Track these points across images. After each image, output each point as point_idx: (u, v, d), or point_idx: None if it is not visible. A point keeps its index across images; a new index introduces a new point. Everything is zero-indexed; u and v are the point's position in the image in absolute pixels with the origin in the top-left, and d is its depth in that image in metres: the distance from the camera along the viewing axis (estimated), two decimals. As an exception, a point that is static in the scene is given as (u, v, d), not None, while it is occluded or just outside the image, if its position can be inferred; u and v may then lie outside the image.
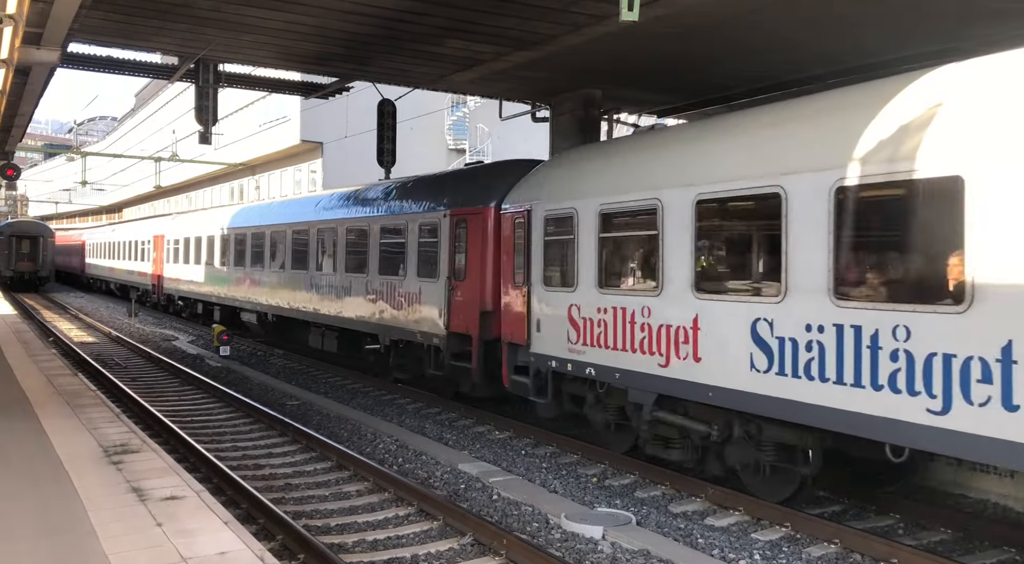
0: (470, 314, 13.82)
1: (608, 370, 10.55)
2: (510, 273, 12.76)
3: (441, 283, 14.60)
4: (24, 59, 10.92)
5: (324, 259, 19.51)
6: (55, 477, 8.13)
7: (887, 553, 7.79)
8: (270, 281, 22.64)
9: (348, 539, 8.24)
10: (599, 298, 10.69)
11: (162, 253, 34.06)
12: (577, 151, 13.13)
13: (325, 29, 13.88)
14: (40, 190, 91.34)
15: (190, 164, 44.86)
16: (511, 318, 12.70)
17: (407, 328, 15.62)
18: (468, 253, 14.08)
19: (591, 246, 10.90)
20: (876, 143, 7.38)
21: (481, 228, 13.79)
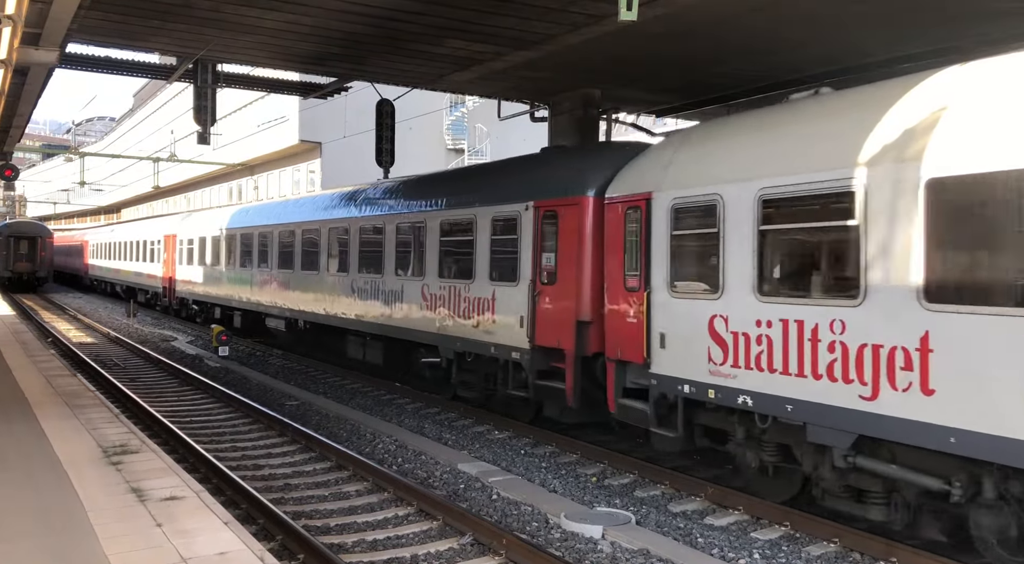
0: (563, 325, 11.72)
1: (774, 400, 8.32)
2: (618, 276, 10.72)
3: (523, 288, 12.58)
4: (23, 59, 10.91)
5: (368, 260, 17.51)
6: (54, 478, 8.12)
7: (886, 552, 7.80)
8: (302, 284, 20.55)
9: (348, 539, 8.24)
10: (758, 308, 8.51)
11: (174, 254, 32.18)
12: (720, 123, 10.78)
13: (323, 29, 13.87)
14: (38, 191, 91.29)
15: (189, 164, 44.85)
16: (620, 330, 10.58)
17: (477, 340, 13.59)
18: (559, 252, 11.99)
19: (746, 242, 8.70)
20: None
21: (577, 222, 11.71)
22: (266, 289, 22.82)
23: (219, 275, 26.84)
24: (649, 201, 10.16)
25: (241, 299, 24.82)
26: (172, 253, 32.43)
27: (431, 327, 14.91)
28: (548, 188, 12.50)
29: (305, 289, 20.37)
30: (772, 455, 9.00)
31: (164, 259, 33.71)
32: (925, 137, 7.16)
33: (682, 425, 9.71)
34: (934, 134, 7.10)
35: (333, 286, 18.90)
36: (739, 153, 9.25)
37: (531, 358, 12.31)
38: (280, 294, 21.90)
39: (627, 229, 10.61)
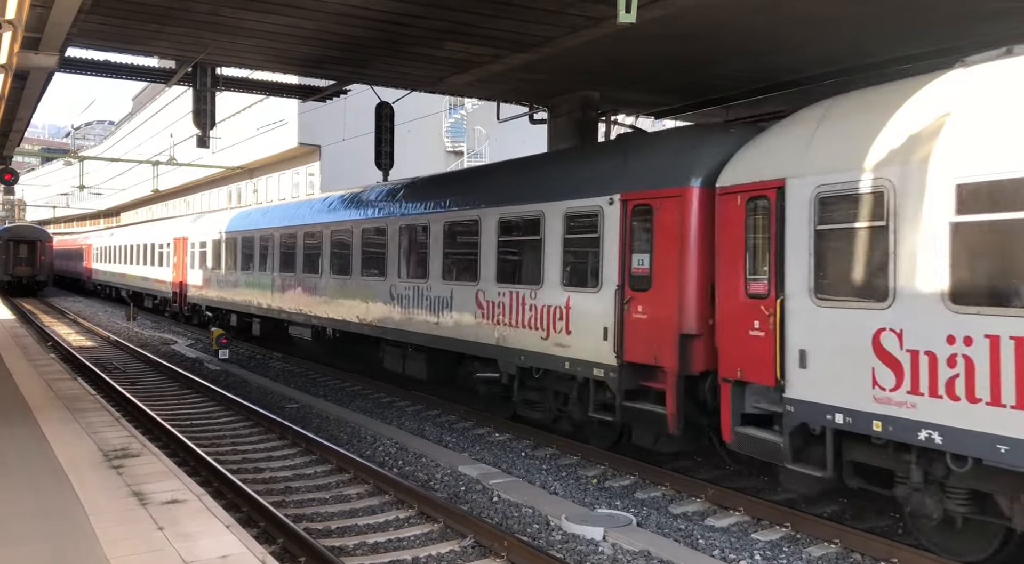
0: (661, 338, 10.00)
1: (977, 438, 6.64)
2: (736, 280, 8.95)
3: (607, 294, 10.80)
4: (22, 64, 10.92)
5: (411, 263, 15.72)
6: (56, 481, 8.13)
7: (887, 553, 7.81)
8: (332, 290, 18.75)
9: (349, 542, 8.24)
10: (950, 320, 6.80)
11: (185, 257, 30.49)
12: (885, 89, 8.25)
13: (323, 32, 13.89)
14: (37, 195, 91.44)
15: (188, 168, 44.89)
16: (739, 345, 8.90)
17: (546, 353, 11.94)
18: (656, 252, 10.22)
19: (931, 238, 6.99)
20: None
21: (679, 216, 9.94)
22: (289, 295, 21.11)
23: (236, 280, 25.09)
24: (781, 189, 8.41)
25: (261, 305, 23.04)
26: (183, 256, 30.82)
27: (488, 338, 13.27)
28: (639, 178, 10.71)
29: (335, 295, 18.66)
30: (964, 504, 7.30)
31: (174, 263, 32.12)
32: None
33: (832, 462, 7.97)
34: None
35: (368, 292, 17.21)
36: (915, 126, 7.27)
37: (619, 376, 10.57)
38: (306, 300, 20.13)
39: (749, 224, 8.86)
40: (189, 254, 29.95)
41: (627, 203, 10.71)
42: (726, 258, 9.19)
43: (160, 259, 34.34)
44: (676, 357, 9.80)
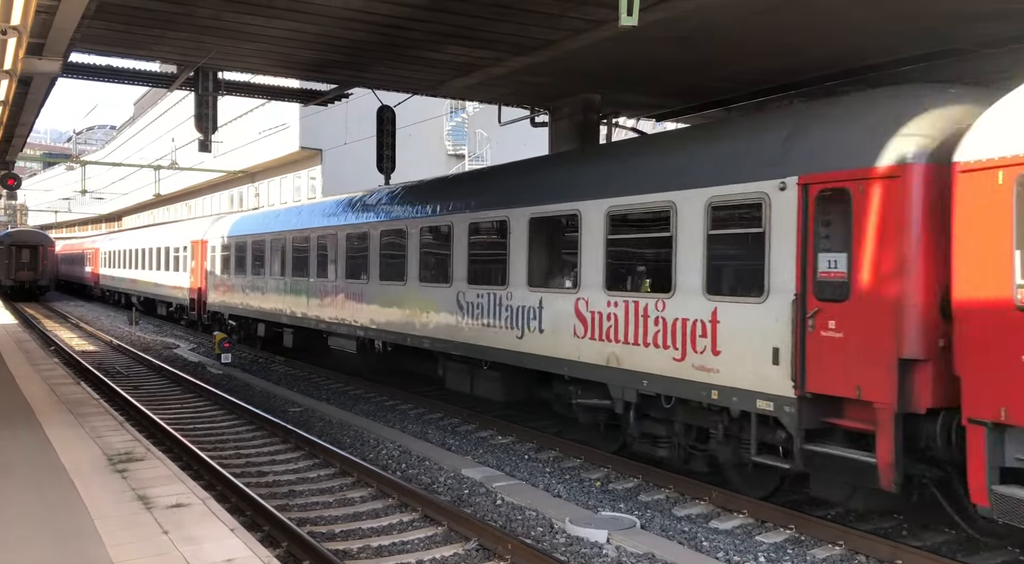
0: (869, 363, 7.83)
1: None
2: (996, 286, 6.81)
3: (776, 305, 8.60)
4: (26, 69, 10.96)
5: (482, 268, 13.57)
6: (60, 485, 8.14)
7: (891, 554, 7.81)
8: (383, 297, 16.47)
9: (353, 545, 8.25)
10: None
11: (204, 262, 28.32)
12: None
13: (326, 37, 13.92)
14: (39, 199, 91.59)
15: (189, 172, 44.95)
16: (1002, 374, 6.74)
17: (682, 379, 9.67)
18: (857, 251, 7.99)
19: None
20: None
21: (895, 202, 7.77)
22: (330, 302, 18.76)
23: (264, 286, 22.57)
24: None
25: (295, 314, 20.48)
26: (202, 261, 28.54)
27: (594, 357, 10.92)
28: (825, 154, 8.45)
29: (387, 303, 16.33)
30: None
31: (191, 268, 29.92)
32: None
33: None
34: None
35: (428, 300, 14.88)
36: None
37: (798, 412, 8.36)
38: (351, 309, 17.78)
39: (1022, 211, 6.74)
40: (209, 258, 27.64)
41: (808, 188, 8.41)
42: (976, 257, 6.98)
43: (176, 264, 32.08)
44: (894, 389, 7.61)
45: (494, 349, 12.99)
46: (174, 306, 33.10)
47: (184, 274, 30.89)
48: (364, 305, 17.27)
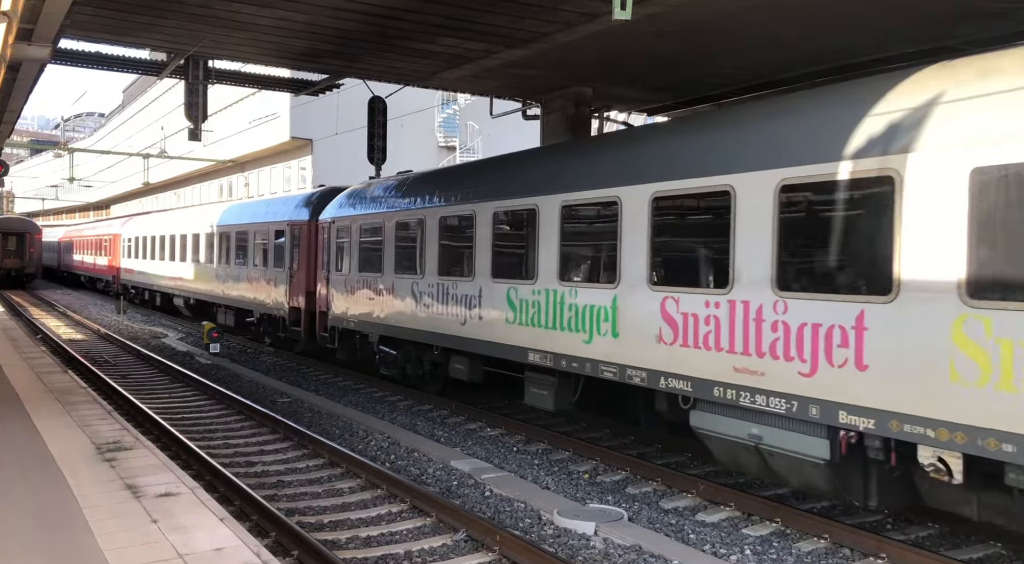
0: None
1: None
2: None
3: None
4: (15, 55, 10.88)
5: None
6: (48, 475, 8.13)
7: (875, 548, 7.88)
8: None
9: (341, 535, 8.27)
10: None
11: (317, 251, 19.36)
12: None
13: (316, 26, 13.88)
14: (26, 186, 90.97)
15: (179, 161, 44.73)
16: None
17: None
18: None
19: None
20: None
21: None
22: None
23: (458, 293, 13.62)
24: None
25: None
26: (312, 250, 19.68)
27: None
28: None
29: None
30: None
31: (299, 260, 20.28)
32: None
33: None
34: None
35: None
36: None
37: None
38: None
39: None
40: (330, 246, 18.39)
41: None
42: None
43: (264, 256, 22.60)
44: None
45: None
46: (259, 317, 23.24)
47: (280, 270, 21.48)
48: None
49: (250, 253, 23.63)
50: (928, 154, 6.99)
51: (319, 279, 19.18)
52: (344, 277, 17.81)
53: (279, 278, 21.56)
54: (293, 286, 20.71)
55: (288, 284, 20.98)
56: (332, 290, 18.35)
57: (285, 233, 21.25)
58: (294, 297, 20.63)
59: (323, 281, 18.86)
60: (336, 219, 18.29)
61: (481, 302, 13.11)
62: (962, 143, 6.76)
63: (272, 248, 22.11)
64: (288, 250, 21.03)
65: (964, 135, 6.77)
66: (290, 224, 21.02)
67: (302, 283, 20.17)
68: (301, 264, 20.31)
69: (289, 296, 20.87)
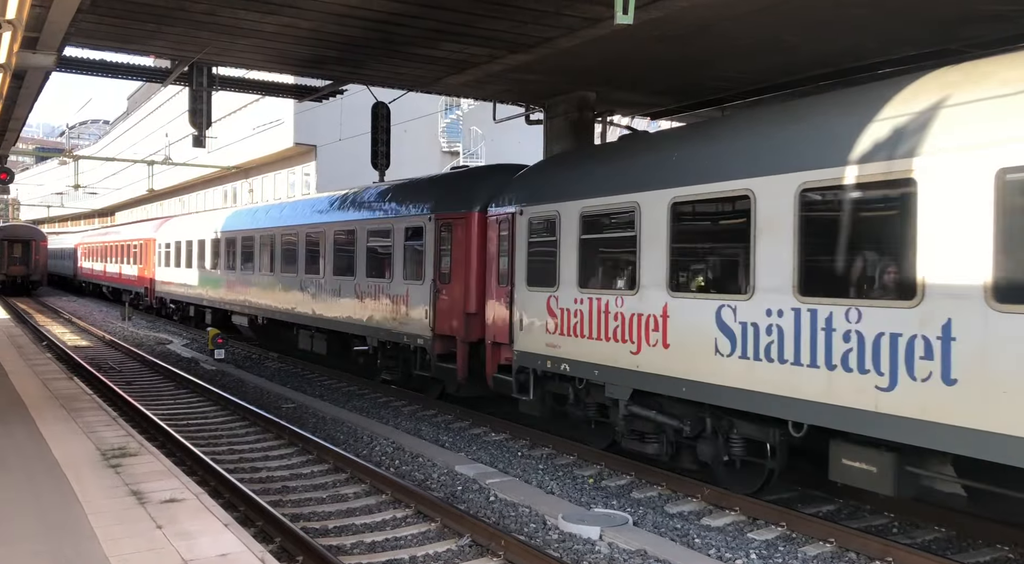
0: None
1: None
2: None
3: None
4: (20, 63, 10.93)
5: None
6: (54, 481, 8.14)
7: (882, 552, 7.86)
8: None
9: (346, 541, 8.27)
10: None
11: (503, 260, 13.32)
12: None
13: (320, 33, 13.91)
14: (32, 194, 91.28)
15: (183, 167, 44.86)
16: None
17: None
18: None
19: None
20: None
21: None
22: None
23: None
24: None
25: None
26: (482, 255, 14.06)
27: None
28: None
29: None
30: None
31: (450, 272, 14.63)
32: None
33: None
34: None
35: None
36: None
37: None
38: None
39: None
40: (524, 248, 12.69)
41: None
42: None
43: (378, 262, 17.01)
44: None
45: None
46: (372, 345, 17.12)
47: (416, 284, 15.42)
48: None
49: (359, 259, 17.60)
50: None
51: (493, 296, 13.37)
52: (549, 294, 11.82)
53: (416, 294, 15.38)
54: (442, 305, 14.69)
55: (432, 302, 14.84)
56: (521, 313, 12.55)
57: (426, 231, 15.14)
58: (444, 320, 14.66)
59: (500, 299, 13.12)
60: (530, 209, 12.44)
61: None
62: None
63: (401, 252, 16.00)
64: (432, 255, 14.98)
65: None
66: (436, 218, 14.93)
67: (458, 301, 14.32)
68: (456, 274, 14.42)
69: (435, 318, 14.81)
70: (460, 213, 14.53)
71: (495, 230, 13.47)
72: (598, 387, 11.10)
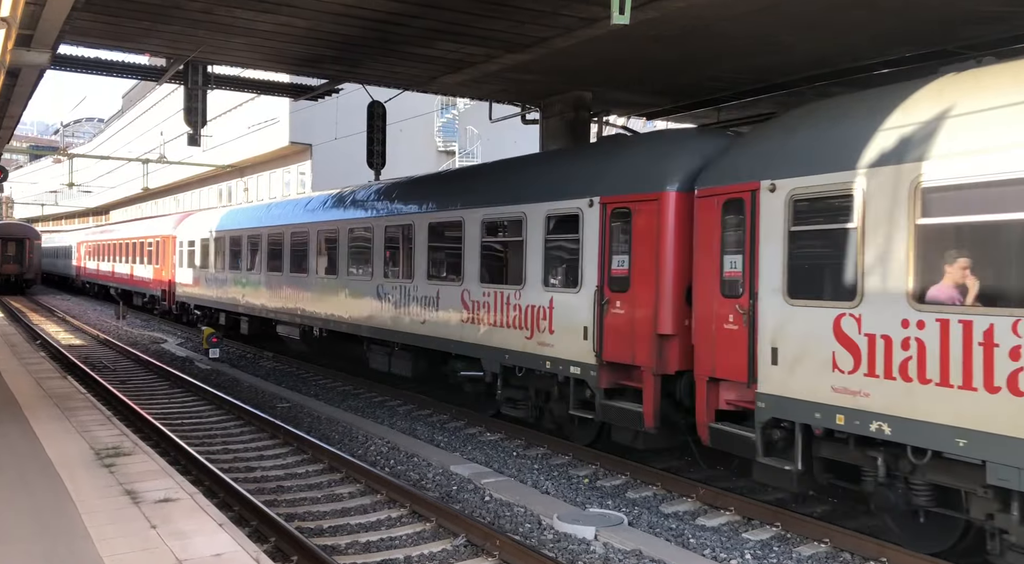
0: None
1: None
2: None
3: None
4: (14, 61, 10.88)
5: None
6: (47, 480, 8.11)
7: (876, 552, 7.87)
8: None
9: (341, 540, 8.26)
10: None
11: (739, 259, 9.11)
12: None
13: (316, 31, 13.89)
14: (25, 192, 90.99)
15: (178, 166, 44.74)
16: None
17: None
18: None
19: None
20: None
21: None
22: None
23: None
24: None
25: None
26: (680, 252, 10.10)
27: None
28: None
29: None
30: None
31: (630, 274, 10.61)
32: None
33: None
34: None
35: None
36: None
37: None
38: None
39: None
40: (754, 247, 8.88)
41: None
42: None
43: (497, 265, 13.45)
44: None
45: None
46: (491, 372, 13.15)
47: (569, 292, 11.53)
48: None
49: (468, 260, 13.56)
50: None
51: (710, 311, 9.39)
52: (841, 311, 7.93)
53: (567, 306, 11.40)
54: (614, 322, 10.65)
55: (597, 318, 10.81)
56: (774, 337, 8.58)
57: (584, 221, 11.15)
58: (618, 343, 10.60)
59: (726, 315, 9.18)
60: (791, 182, 8.49)
61: None
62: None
63: (539, 250, 11.98)
64: (596, 253, 10.95)
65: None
66: (605, 203, 10.87)
67: (643, 317, 10.26)
68: (641, 279, 10.36)
69: (602, 340, 10.76)
70: (646, 194, 10.35)
71: (712, 215, 9.39)
72: (951, 464, 7.16)
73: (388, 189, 17.08)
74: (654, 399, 10.13)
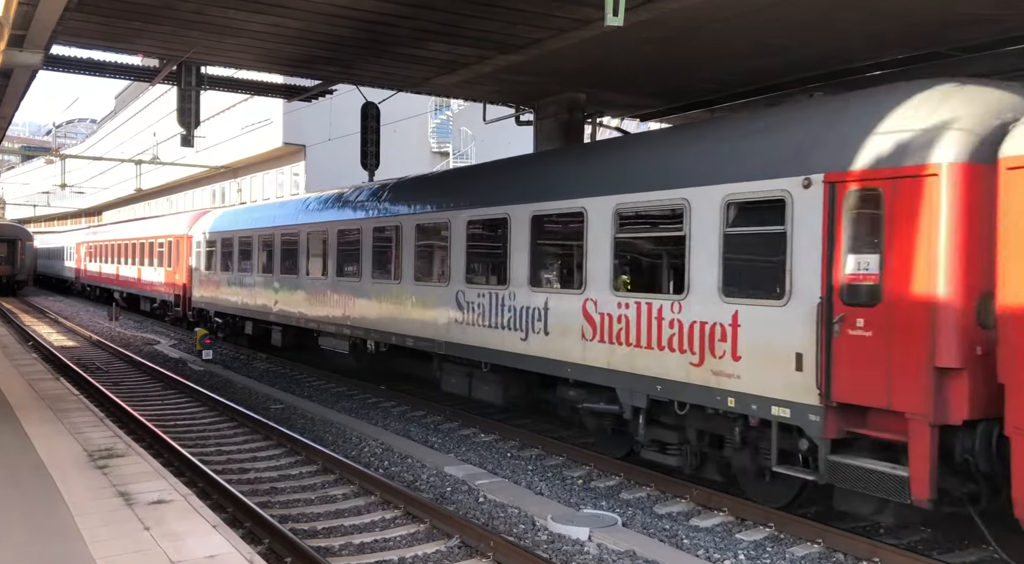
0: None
1: None
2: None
3: None
4: (7, 61, 10.85)
5: None
6: (40, 482, 8.09)
7: (869, 552, 7.90)
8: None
9: (335, 542, 8.25)
10: None
11: None
12: None
13: (309, 32, 13.88)
14: (17, 193, 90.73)
15: (171, 167, 44.65)
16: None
17: None
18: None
19: None
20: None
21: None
22: None
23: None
24: None
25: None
26: None
27: None
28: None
29: None
30: None
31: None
32: None
33: None
34: None
35: None
36: None
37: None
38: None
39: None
40: None
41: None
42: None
43: (644, 268, 10.83)
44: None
45: None
46: (629, 410, 10.21)
47: (784, 312, 8.27)
48: None
49: (594, 262, 10.62)
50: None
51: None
52: None
53: (763, 324, 8.50)
54: (855, 349, 7.70)
55: (823, 342, 7.87)
56: None
57: (793, 208, 8.23)
58: (863, 381, 7.64)
59: None
60: None
61: None
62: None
63: (715, 247, 9.02)
64: (816, 251, 8.02)
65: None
66: (832, 182, 7.91)
67: (911, 343, 7.33)
68: (901, 288, 7.46)
69: (832, 375, 7.84)
70: (908, 166, 7.43)
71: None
72: None
73: (473, 170, 14.12)
74: (930, 459, 7.17)
